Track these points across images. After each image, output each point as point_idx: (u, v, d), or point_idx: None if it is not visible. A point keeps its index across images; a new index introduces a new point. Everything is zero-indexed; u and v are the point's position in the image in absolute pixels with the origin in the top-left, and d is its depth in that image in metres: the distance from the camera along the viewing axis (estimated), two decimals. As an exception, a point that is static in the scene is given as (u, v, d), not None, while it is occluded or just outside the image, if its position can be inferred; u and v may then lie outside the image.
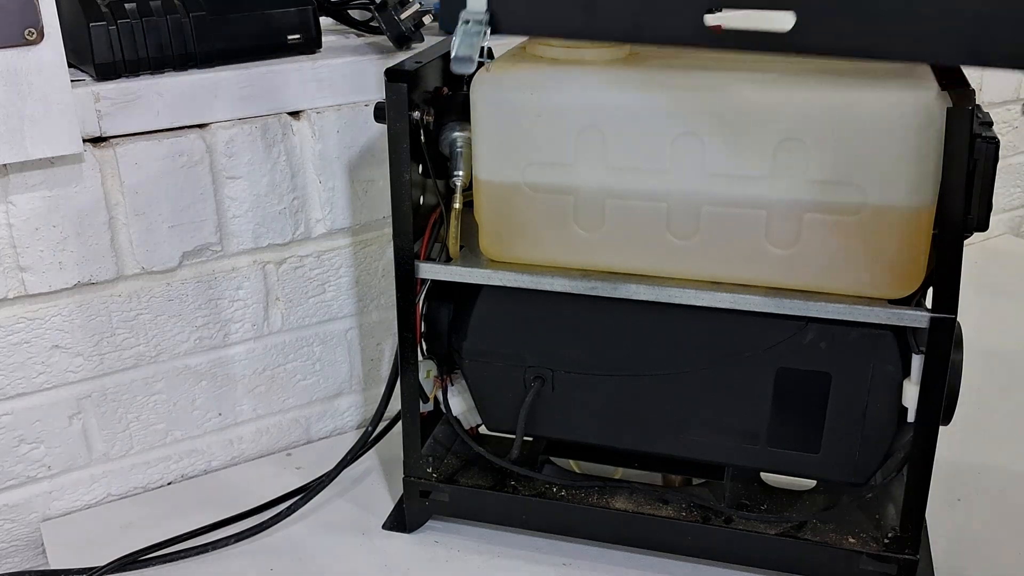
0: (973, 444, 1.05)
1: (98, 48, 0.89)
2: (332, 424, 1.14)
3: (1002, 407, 1.14)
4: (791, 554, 0.86)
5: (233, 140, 0.96)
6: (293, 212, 1.02)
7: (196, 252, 0.98)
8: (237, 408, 1.07)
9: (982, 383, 1.14)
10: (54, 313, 0.93)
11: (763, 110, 0.75)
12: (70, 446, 0.99)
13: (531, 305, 0.87)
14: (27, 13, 0.82)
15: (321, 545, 0.94)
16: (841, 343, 0.81)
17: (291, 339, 1.07)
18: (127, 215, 0.93)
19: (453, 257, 0.89)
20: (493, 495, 0.93)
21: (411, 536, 0.95)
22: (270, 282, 1.03)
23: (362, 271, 1.08)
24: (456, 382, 0.95)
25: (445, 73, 0.89)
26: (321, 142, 1.01)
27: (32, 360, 0.94)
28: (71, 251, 0.92)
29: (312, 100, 0.99)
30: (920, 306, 0.79)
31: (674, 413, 0.87)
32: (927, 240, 0.77)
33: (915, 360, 0.79)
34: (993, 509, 0.97)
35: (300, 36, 0.99)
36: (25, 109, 0.84)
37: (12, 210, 0.88)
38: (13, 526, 0.99)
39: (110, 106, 0.89)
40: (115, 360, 0.98)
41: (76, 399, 0.97)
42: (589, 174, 0.81)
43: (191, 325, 1.00)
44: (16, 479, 0.97)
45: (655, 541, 0.90)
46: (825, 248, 0.79)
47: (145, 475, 1.04)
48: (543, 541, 0.94)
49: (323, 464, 1.03)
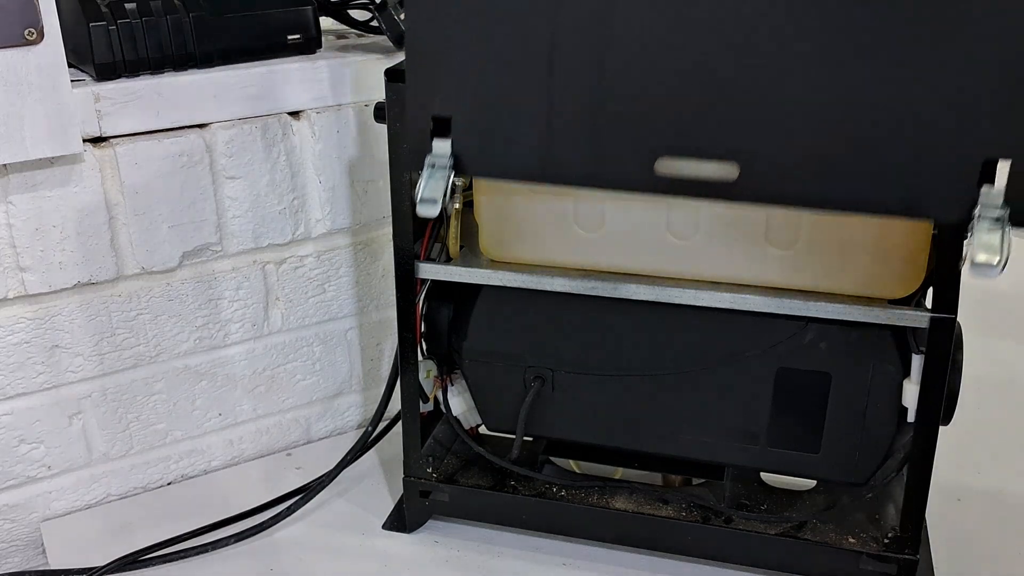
0: (973, 444, 1.05)
1: (98, 48, 0.88)
2: (332, 424, 1.14)
3: (1002, 407, 1.14)
4: (791, 554, 0.87)
5: (233, 140, 0.96)
6: (293, 212, 1.02)
7: (196, 252, 0.98)
8: (237, 408, 1.07)
9: (982, 383, 1.14)
10: (54, 313, 0.93)
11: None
12: (70, 446, 0.99)
13: (531, 305, 0.87)
14: (27, 13, 0.82)
15: (321, 545, 0.94)
16: (841, 343, 0.81)
17: (291, 339, 1.07)
18: (127, 215, 0.93)
19: (453, 257, 0.89)
20: (493, 495, 0.93)
21: (411, 536, 0.95)
22: (270, 282, 1.03)
23: (362, 271, 1.08)
24: (456, 382, 0.95)
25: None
26: (321, 142, 1.01)
27: (32, 360, 0.94)
28: (71, 251, 0.92)
29: (312, 100, 0.99)
30: (920, 306, 0.79)
31: (674, 413, 0.87)
32: (927, 240, 0.77)
33: (915, 360, 0.79)
34: (993, 509, 0.97)
35: (300, 36, 0.99)
36: (25, 109, 0.84)
37: (12, 210, 0.88)
38: (13, 526, 0.99)
39: (110, 106, 0.89)
40: (115, 360, 0.98)
41: (76, 399, 0.97)
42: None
43: (191, 325, 1.00)
44: (16, 479, 0.97)
45: (655, 541, 0.90)
46: (825, 248, 0.79)
47: (145, 475, 1.04)
48: (543, 541, 0.94)
49: (323, 464, 1.03)
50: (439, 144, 0.77)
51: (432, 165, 0.77)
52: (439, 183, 0.76)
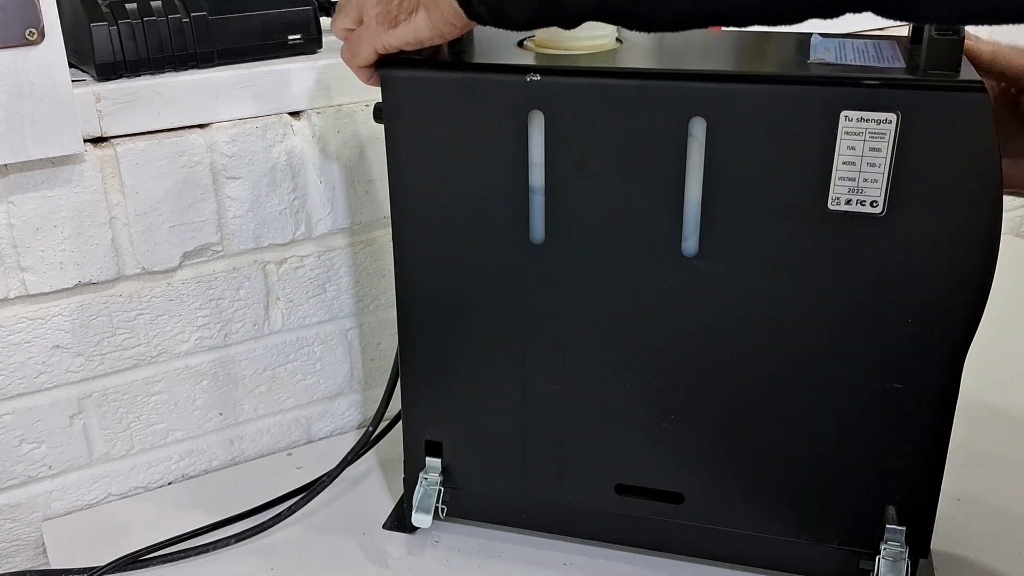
0: (973, 444, 1.05)
1: (99, 48, 0.89)
2: (333, 424, 1.14)
3: (1002, 407, 1.14)
4: (791, 554, 0.86)
5: (234, 140, 0.96)
6: (294, 212, 1.02)
7: (196, 252, 0.98)
8: (238, 408, 1.07)
9: (983, 383, 1.14)
10: (55, 313, 0.93)
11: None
12: (71, 446, 0.99)
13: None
14: (28, 13, 0.82)
15: (321, 545, 0.94)
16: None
17: (292, 339, 1.07)
18: (127, 215, 0.93)
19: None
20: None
21: (411, 536, 0.95)
22: (270, 282, 1.03)
23: (363, 271, 1.09)
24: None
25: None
26: (322, 142, 1.01)
27: (33, 360, 0.94)
28: (72, 251, 0.92)
29: (313, 100, 0.99)
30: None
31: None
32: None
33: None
34: (993, 509, 0.97)
35: (301, 36, 0.99)
36: (26, 109, 0.84)
37: (13, 210, 0.88)
38: (14, 526, 0.99)
39: (111, 106, 0.90)
40: (116, 360, 0.98)
41: (77, 399, 0.98)
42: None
43: (192, 325, 1.01)
44: (17, 479, 0.98)
45: (655, 541, 0.90)
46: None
47: (146, 475, 1.04)
48: (543, 541, 0.94)
49: (324, 464, 1.03)
50: (431, 461, 0.91)
51: (426, 478, 0.91)
52: (431, 497, 0.91)
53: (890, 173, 0.69)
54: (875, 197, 0.70)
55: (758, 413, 0.80)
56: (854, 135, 0.69)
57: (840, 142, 0.69)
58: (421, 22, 0.72)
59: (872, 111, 0.68)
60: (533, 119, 0.76)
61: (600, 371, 0.83)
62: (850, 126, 0.69)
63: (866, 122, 0.68)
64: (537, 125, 0.76)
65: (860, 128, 0.68)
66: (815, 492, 0.82)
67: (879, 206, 0.70)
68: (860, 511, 0.81)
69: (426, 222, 0.83)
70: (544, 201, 0.78)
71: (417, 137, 0.80)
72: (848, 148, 0.69)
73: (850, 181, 0.70)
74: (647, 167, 0.74)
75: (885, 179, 0.69)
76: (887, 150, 0.69)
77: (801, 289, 0.75)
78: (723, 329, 0.78)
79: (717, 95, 0.71)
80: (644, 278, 0.78)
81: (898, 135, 0.68)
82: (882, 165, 0.69)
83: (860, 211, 0.71)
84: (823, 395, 0.78)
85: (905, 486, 0.79)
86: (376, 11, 0.74)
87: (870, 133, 0.68)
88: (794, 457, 0.81)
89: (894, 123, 0.68)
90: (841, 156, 0.69)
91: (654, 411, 0.83)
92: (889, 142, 0.68)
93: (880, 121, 0.68)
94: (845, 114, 0.68)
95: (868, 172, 0.69)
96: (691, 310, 0.78)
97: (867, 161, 0.69)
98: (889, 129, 0.68)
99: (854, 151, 0.69)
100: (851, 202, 0.71)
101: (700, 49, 0.80)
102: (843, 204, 0.71)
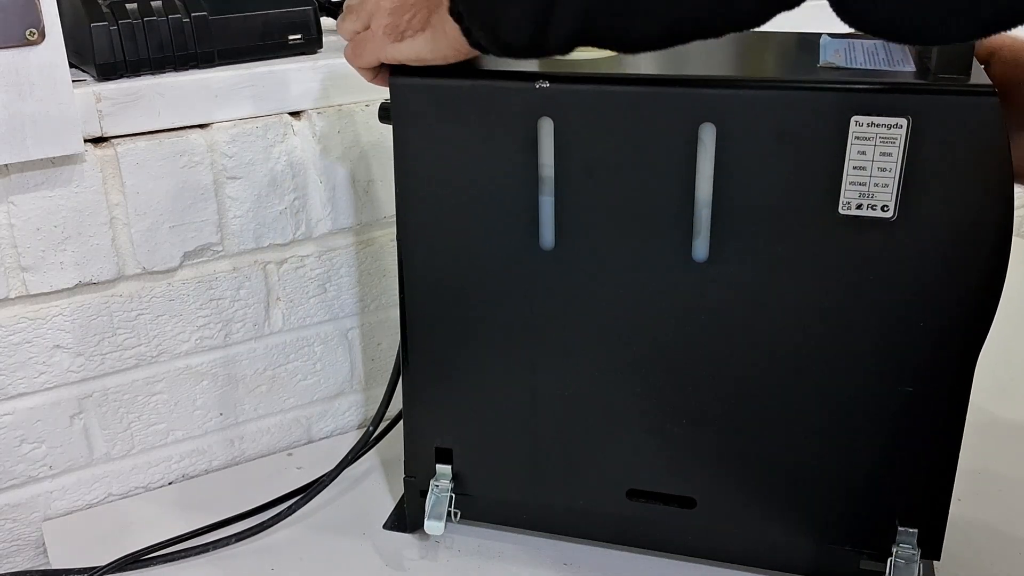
0: (973, 444, 1.05)
1: (99, 48, 0.88)
2: (333, 424, 1.14)
3: (1002, 407, 1.14)
4: (791, 554, 0.87)
5: (234, 140, 0.96)
6: (294, 212, 1.02)
7: (197, 252, 0.98)
8: (238, 408, 1.07)
9: (982, 383, 1.14)
10: (55, 313, 0.93)
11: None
12: (71, 446, 0.98)
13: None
14: (28, 13, 0.81)
15: (321, 545, 0.94)
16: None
17: (292, 339, 1.07)
18: (128, 215, 0.93)
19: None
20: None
21: (411, 536, 0.95)
22: (271, 282, 1.03)
23: (363, 271, 1.08)
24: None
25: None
26: (322, 142, 1.00)
27: (33, 360, 0.93)
28: (72, 251, 0.91)
29: (313, 100, 0.99)
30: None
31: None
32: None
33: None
34: (993, 509, 0.98)
35: (301, 36, 0.99)
36: (26, 109, 0.84)
37: (13, 210, 0.88)
38: (15, 526, 0.99)
39: (111, 106, 0.89)
40: (116, 360, 0.98)
41: (77, 399, 0.97)
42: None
43: (192, 325, 1.00)
44: (17, 479, 0.97)
45: (655, 541, 0.91)
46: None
47: (146, 475, 1.04)
48: (543, 541, 0.94)
49: (324, 464, 1.03)
50: (442, 468, 0.91)
51: (437, 484, 0.91)
52: (443, 503, 0.90)
53: (901, 178, 0.69)
54: (886, 202, 0.70)
55: (769, 416, 0.80)
56: (864, 140, 0.69)
57: (850, 147, 0.69)
58: (425, 42, 0.72)
59: (882, 116, 0.68)
60: (542, 126, 0.76)
61: (611, 376, 0.83)
62: (860, 131, 0.69)
63: (876, 127, 0.68)
64: (546, 132, 0.76)
65: (871, 133, 0.68)
66: (826, 495, 0.82)
67: (890, 211, 0.70)
68: (872, 514, 0.82)
69: (435, 229, 0.82)
70: (554, 207, 0.78)
71: (426, 144, 0.80)
72: (858, 153, 0.69)
73: (861, 186, 0.70)
74: (657, 173, 0.74)
75: (896, 184, 0.69)
76: (898, 155, 0.69)
77: (812, 293, 0.75)
78: (734, 334, 0.78)
79: (726, 100, 0.71)
80: (654, 283, 0.78)
81: (909, 139, 0.68)
82: (893, 170, 0.69)
83: (871, 216, 0.71)
84: (834, 398, 0.78)
85: (917, 489, 0.80)
86: (385, 22, 0.74)
87: (881, 138, 0.68)
88: (806, 460, 0.81)
89: (905, 128, 0.68)
90: (852, 161, 0.69)
91: (665, 415, 0.83)
92: (900, 147, 0.68)
93: (891, 126, 0.68)
94: (855, 119, 0.68)
95: (879, 177, 0.69)
96: (702, 315, 0.78)
97: (878, 166, 0.69)
98: (900, 134, 0.68)
99: (864, 156, 0.69)
100: (862, 207, 0.71)
101: (705, 52, 0.80)
102: (854, 209, 0.71)
